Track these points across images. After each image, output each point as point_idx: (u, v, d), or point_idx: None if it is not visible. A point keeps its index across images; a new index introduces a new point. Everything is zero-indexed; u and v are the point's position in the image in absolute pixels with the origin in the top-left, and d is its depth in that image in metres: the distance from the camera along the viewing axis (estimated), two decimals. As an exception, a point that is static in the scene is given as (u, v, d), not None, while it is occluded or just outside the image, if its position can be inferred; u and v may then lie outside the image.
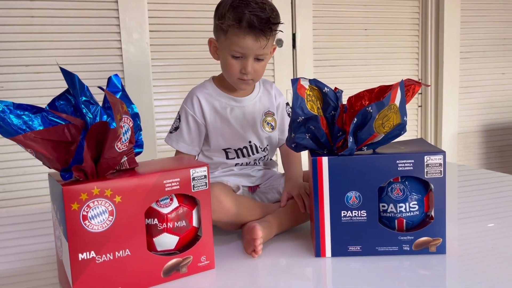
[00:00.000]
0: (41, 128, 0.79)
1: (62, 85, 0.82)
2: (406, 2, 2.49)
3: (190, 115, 1.18)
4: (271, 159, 1.31)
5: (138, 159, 0.92)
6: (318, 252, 0.96)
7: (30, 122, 0.80)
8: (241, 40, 1.08)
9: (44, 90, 1.83)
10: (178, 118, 1.21)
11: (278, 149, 1.32)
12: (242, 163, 1.23)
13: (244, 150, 1.21)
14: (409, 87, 0.97)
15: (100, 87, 0.85)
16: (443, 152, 0.93)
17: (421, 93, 2.62)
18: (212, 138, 1.19)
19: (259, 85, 1.26)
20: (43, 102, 0.84)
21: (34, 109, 0.81)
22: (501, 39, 2.68)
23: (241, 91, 1.22)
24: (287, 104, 1.28)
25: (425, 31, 2.54)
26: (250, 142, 1.21)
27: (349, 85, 2.29)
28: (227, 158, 1.21)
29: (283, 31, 2.19)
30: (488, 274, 0.87)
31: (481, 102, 2.69)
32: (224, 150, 1.21)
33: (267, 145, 1.25)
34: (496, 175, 1.68)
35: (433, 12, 2.51)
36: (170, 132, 1.22)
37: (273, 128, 1.25)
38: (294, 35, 2.25)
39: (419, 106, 2.63)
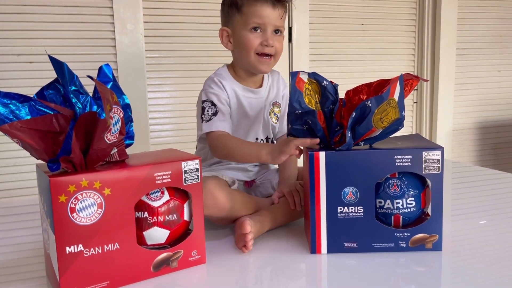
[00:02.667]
0: (28, 117, 0.77)
1: (54, 75, 0.80)
2: (403, -3, 2.47)
3: (221, 97, 1.13)
4: None
5: (129, 151, 0.90)
6: (314, 248, 0.95)
7: (17, 111, 0.77)
8: (259, 9, 1.08)
9: (36, 80, 1.79)
10: (212, 104, 1.12)
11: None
12: None
13: None
14: (407, 82, 0.95)
15: (90, 77, 0.82)
16: (441, 148, 0.91)
17: (416, 89, 2.61)
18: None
19: (267, 76, 1.24)
20: (35, 92, 0.82)
21: (21, 98, 0.78)
22: (498, 37, 2.67)
23: (259, 76, 1.19)
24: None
25: (421, 27, 2.52)
26: (257, 138, 1.20)
27: (345, 80, 2.27)
28: None
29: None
30: (483, 270, 0.86)
31: (477, 99, 2.68)
32: None
33: (272, 136, 1.24)
34: (490, 172, 1.68)
35: (430, 8, 2.50)
36: (208, 120, 1.11)
37: (278, 120, 1.23)
38: (290, 29, 2.23)
39: (414, 102, 2.62)
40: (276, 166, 1.29)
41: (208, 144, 1.13)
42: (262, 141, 1.21)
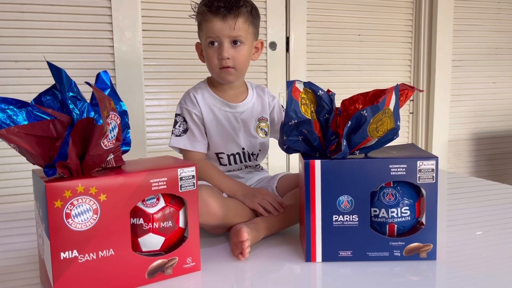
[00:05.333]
0: (25, 123, 0.77)
1: (52, 82, 0.80)
2: (400, 9, 2.50)
3: (193, 113, 1.17)
4: (262, 168, 1.30)
5: (126, 157, 0.90)
6: (309, 256, 0.95)
7: (15, 117, 0.78)
8: (210, 24, 1.11)
9: (34, 86, 1.80)
10: (183, 120, 1.18)
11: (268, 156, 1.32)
12: (234, 170, 1.22)
13: (237, 156, 1.20)
14: (402, 92, 0.96)
15: (88, 83, 0.83)
16: (435, 158, 0.92)
17: (412, 100, 2.63)
18: (208, 139, 1.19)
19: (252, 91, 1.25)
20: (32, 98, 0.82)
21: (19, 104, 0.79)
22: (493, 49, 2.69)
23: (239, 89, 1.21)
24: (282, 106, 1.28)
25: (418, 39, 2.55)
26: (243, 149, 1.21)
27: (342, 89, 2.26)
28: (220, 164, 1.20)
29: (276, 34, 2.20)
30: (477, 281, 0.87)
31: (472, 110, 2.70)
32: (217, 154, 1.19)
33: (259, 150, 1.24)
34: (486, 183, 1.69)
35: (426, 20, 2.52)
36: (178, 135, 1.17)
37: (266, 134, 1.24)
38: (287, 38, 2.25)
39: (410, 113, 2.63)
40: (271, 173, 1.30)
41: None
42: (248, 153, 1.22)
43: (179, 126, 1.18)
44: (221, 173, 1.16)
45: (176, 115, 1.19)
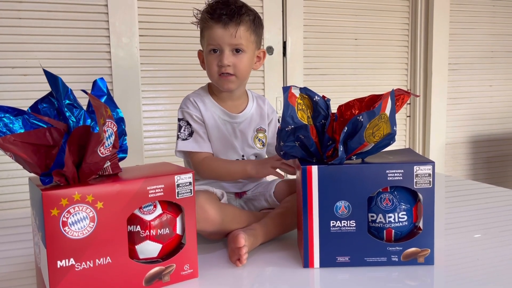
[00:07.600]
0: (22, 131, 0.77)
1: (49, 88, 0.80)
2: (396, 13, 2.51)
3: (195, 116, 1.17)
4: None
5: (123, 164, 0.90)
6: (306, 262, 0.95)
7: (11, 125, 0.77)
8: (212, 32, 1.11)
9: (31, 93, 1.80)
10: (187, 124, 1.17)
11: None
12: None
13: None
14: (398, 97, 0.96)
15: (84, 91, 0.83)
16: (432, 163, 0.92)
17: (409, 103, 2.64)
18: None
19: (252, 101, 1.25)
20: (29, 104, 0.82)
21: (15, 112, 0.78)
22: (489, 52, 2.71)
23: (239, 100, 1.21)
24: (279, 120, 1.29)
25: (414, 43, 2.56)
26: (243, 156, 1.21)
27: (339, 94, 2.30)
28: None
29: (273, 38, 2.20)
30: (475, 285, 0.87)
31: (469, 113, 2.71)
32: None
33: (255, 157, 1.24)
34: (483, 186, 1.69)
35: (422, 24, 2.54)
36: (184, 139, 1.16)
37: (263, 145, 1.24)
38: (284, 43, 2.25)
39: (407, 116, 2.64)
40: (268, 178, 1.30)
41: (193, 165, 1.17)
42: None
43: (184, 130, 1.17)
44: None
45: (179, 119, 1.19)
